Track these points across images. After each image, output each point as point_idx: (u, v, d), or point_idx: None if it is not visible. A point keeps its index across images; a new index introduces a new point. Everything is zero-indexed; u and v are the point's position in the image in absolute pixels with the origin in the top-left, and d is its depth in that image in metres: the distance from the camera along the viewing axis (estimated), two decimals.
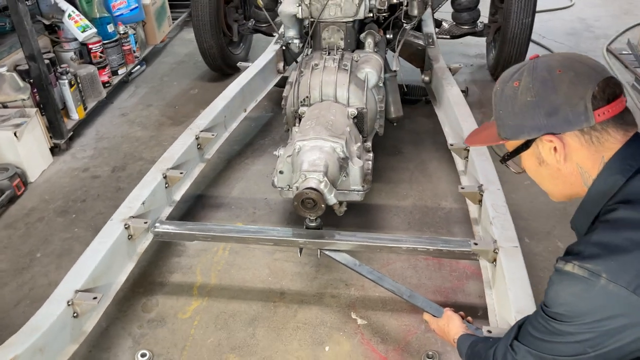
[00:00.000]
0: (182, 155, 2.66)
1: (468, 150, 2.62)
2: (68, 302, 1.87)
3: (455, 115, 2.90)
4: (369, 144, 2.79)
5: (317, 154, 2.33)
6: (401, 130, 3.61)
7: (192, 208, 3.00)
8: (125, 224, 2.21)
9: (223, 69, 4.50)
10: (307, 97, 2.76)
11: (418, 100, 3.95)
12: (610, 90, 1.23)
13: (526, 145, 1.31)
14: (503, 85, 1.32)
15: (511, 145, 1.35)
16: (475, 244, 2.07)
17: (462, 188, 2.38)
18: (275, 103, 4.12)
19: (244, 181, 3.24)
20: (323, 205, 2.19)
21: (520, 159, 1.38)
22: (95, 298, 1.89)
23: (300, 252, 2.34)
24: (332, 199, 2.24)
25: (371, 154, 2.67)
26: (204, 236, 2.32)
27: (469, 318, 1.86)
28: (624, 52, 4.56)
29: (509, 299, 1.79)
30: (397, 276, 2.49)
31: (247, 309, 2.36)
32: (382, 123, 2.94)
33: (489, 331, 1.71)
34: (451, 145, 2.71)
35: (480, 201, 2.33)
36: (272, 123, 3.90)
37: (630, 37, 4.77)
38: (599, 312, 1.15)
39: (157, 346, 2.20)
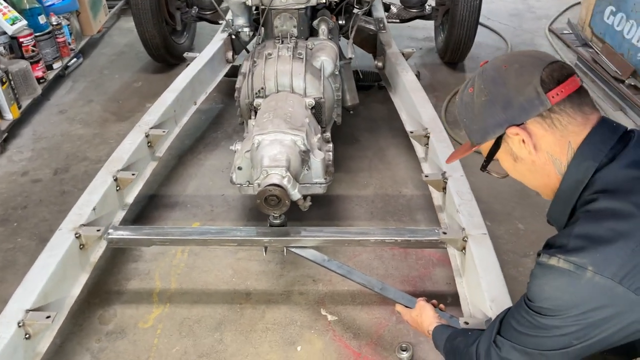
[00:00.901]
0: (132, 155, 2.50)
1: (428, 137, 2.60)
2: (19, 323, 1.72)
3: (413, 102, 2.88)
4: (328, 134, 2.72)
5: (278, 148, 2.24)
6: (357, 117, 3.56)
7: (145, 209, 2.85)
8: (75, 233, 2.06)
9: (167, 59, 4.31)
10: (262, 88, 2.66)
11: (371, 86, 3.91)
12: (557, 72, 1.24)
13: (496, 144, 1.31)
14: (460, 95, 1.37)
15: (485, 150, 1.36)
16: (444, 233, 2.06)
17: (426, 176, 2.36)
18: (224, 94, 3.98)
19: (198, 178, 3.11)
20: (287, 202, 2.11)
21: (498, 163, 1.37)
22: (48, 317, 1.75)
23: (266, 250, 2.26)
24: (296, 194, 2.17)
25: (331, 145, 2.61)
26: (162, 240, 2.19)
27: (442, 306, 1.85)
28: (565, 32, 4.68)
29: (482, 287, 1.79)
30: (364, 268, 2.45)
31: (212, 313, 2.26)
32: (340, 112, 2.88)
33: (466, 322, 1.70)
34: (411, 132, 2.68)
35: (444, 188, 2.31)
36: (223, 115, 3.76)
37: (570, 17, 4.89)
38: (585, 304, 1.14)
39: (119, 359, 2.07)
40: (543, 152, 1.26)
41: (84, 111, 3.85)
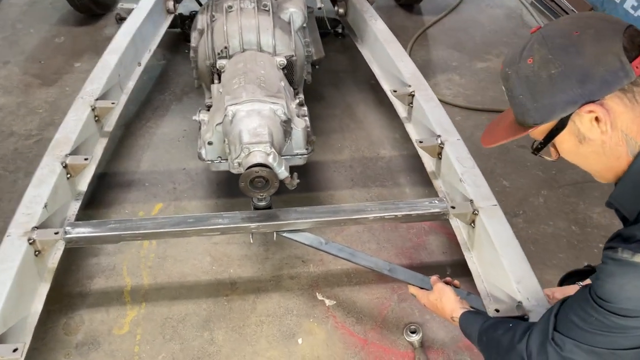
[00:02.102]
0: (80, 133, 2.13)
1: (413, 96, 2.39)
2: None
3: (388, 55, 2.64)
4: (301, 96, 2.46)
5: (257, 121, 1.96)
6: (318, 70, 3.28)
7: (96, 192, 2.49)
8: (29, 239, 1.72)
9: (91, 8, 3.78)
10: (225, 47, 2.32)
11: (327, 33, 3.61)
12: (638, 38, 1.08)
13: (561, 124, 1.12)
14: (514, 68, 1.15)
15: (541, 131, 1.16)
16: (453, 207, 1.90)
17: (420, 142, 2.17)
18: (166, 48, 3.56)
19: (152, 150, 2.76)
20: (276, 183, 1.86)
21: (551, 145, 1.19)
22: (15, 350, 1.45)
23: (252, 235, 2.03)
24: (283, 172, 1.91)
25: (305, 108, 2.34)
26: (133, 235, 1.89)
27: (456, 282, 1.73)
28: None
29: (504, 267, 1.66)
30: (354, 242, 2.28)
31: (197, 309, 2.02)
32: (310, 69, 2.60)
33: (497, 310, 1.57)
34: (394, 91, 2.46)
35: (439, 154, 2.14)
36: (167, 73, 3.36)
37: None
38: None
39: None
40: (618, 132, 1.09)
41: (1, 75, 3.30)
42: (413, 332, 1.91)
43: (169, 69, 3.38)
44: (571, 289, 1.66)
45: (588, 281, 1.66)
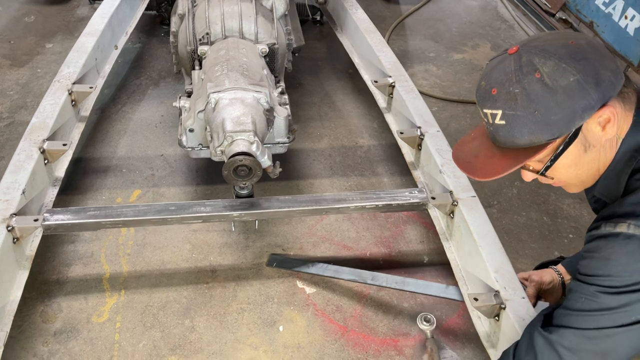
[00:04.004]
0: (57, 118, 2.09)
1: (393, 87, 2.42)
2: None
3: (368, 45, 2.66)
4: (282, 84, 2.46)
5: (241, 109, 1.96)
6: (296, 57, 3.27)
7: (72, 177, 2.45)
8: (7, 226, 1.69)
9: None
10: (207, 33, 2.30)
11: (306, 20, 3.61)
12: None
13: (574, 135, 1.12)
14: (517, 87, 1.09)
15: (552, 148, 1.13)
16: (433, 198, 1.94)
17: (401, 133, 2.20)
18: (141, 31, 3.50)
19: (129, 135, 2.72)
20: (259, 172, 1.87)
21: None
22: None
23: (234, 224, 2.03)
24: (266, 161, 1.92)
25: (286, 97, 2.34)
26: (113, 223, 1.87)
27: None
28: None
29: (483, 257, 1.71)
30: (334, 230, 2.31)
31: (177, 297, 2.02)
32: (291, 57, 2.60)
33: (475, 299, 1.61)
34: (375, 82, 2.48)
35: (419, 145, 2.18)
36: (143, 57, 3.30)
37: None
38: None
39: None
40: (614, 132, 1.13)
41: None
42: (427, 321, 1.86)
43: (144, 53, 3.33)
44: (546, 272, 1.73)
45: (561, 267, 1.73)
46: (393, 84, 2.42)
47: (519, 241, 2.34)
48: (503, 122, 1.12)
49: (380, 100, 2.53)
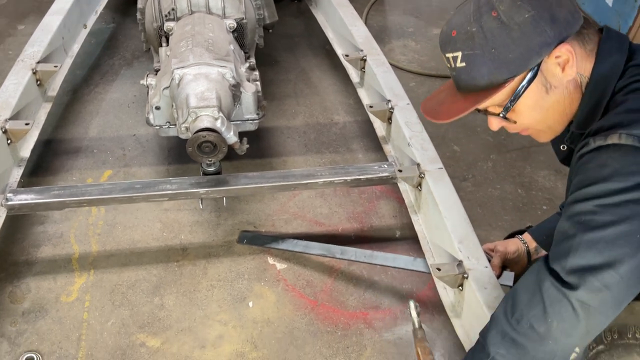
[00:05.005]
0: (20, 98, 2.05)
1: (364, 61, 2.39)
2: None
3: (341, 19, 2.62)
4: (252, 60, 2.43)
5: (205, 84, 1.93)
6: (272, 34, 3.23)
7: (42, 159, 2.43)
8: None
9: None
10: (173, 9, 2.26)
11: None
12: None
13: (533, 75, 1.11)
14: (476, 26, 1.09)
15: (511, 88, 1.13)
16: (400, 170, 1.93)
17: (371, 107, 2.18)
18: (114, 10, 3.44)
19: (101, 116, 2.70)
20: (224, 148, 1.85)
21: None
22: None
23: (202, 201, 2.02)
24: (232, 137, 1.90)
25: (257, 73, 2.31)
26: (78, 202, 1.86)
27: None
28: None
29: (447, 228, 1.71)
30: (306, 207, 2.30)
31: (147, 275, 2.02)
32: (262, 33, 2.56)
33: (438, 269, 1.61)
34: (346, 56, 2.45)
35: (389, 119, 2.16)
36: (116, 37, 3.26)
37: None
38: None
39: (45, 343, 1.79)
40: (574, 73, 1.12)
41: None
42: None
43: (118, 33, 3.28)
44: (511, 242, 1.72)
45: (527, 235, 1.73)
46: (364, 57, 2.39)
47: (493, 214, 2.33)
48: (463, 64, 1.13)
49: (354, 75, 2.51)
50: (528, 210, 2.37)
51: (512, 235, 1.80)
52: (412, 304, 1.49)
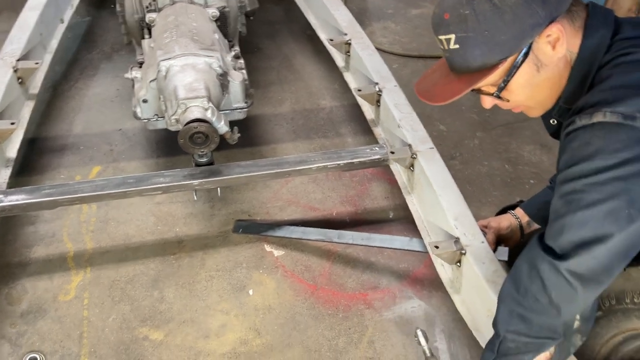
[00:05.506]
0: (3, 97, 2.02)
1: (349, 45, 2.39)
2: None
3: (323, 3, 2.61)
4: (237, 48, 2.41)
5: (193, 75, 1.92)
6: (252, 21, 3.21)
7: (28, 158, 2.39)
8: None
9: None
10: (153, 0, 2.23)
11: None
12: None
13: (525, 54, 1.13)
14: (466, 9, 1.10)
15: (504, 68, 1.14)
16: (392, 152, 1.95)
17: (359, 90, 2.19)
18: (88, 3, 3.38)
19: (84, 111, 2.66)
20: (216, 138, 1.85)
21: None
22: None
23: (196, 193, 2.02)
24: (222, 127, 1.89)
25: (242, 61, 2.30)
26: (70, 200, 1.83)
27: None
28: None
29: (442, 206, 1.73)
30: (299, 193, 2.31)
31: (145, 269, 2.01)
32: (244, 21, 2.54)
33: (436, 246, 1.64)
34: (330, 40, 2.45)
35: (378, 101, 2.17)
36: (93, 30, 3.20)
37: None
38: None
39: (46, 343, 1.78)
40: (564, 50, 1.14)
41: None
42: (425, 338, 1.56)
43: (95, 26, 3.22)
44: (503, 218, 1.76)
45: (519, 210, 1.77)
46: (349, 41, 2.40)
47: (482, 190, 2.37)
48: (457, 46, 1.14)
49: (338, 59, 2.51)
50: (516, 185, 2.41)
51: (503, 211, 1.84)
52: (419, 332, 1.50)
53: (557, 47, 1.13)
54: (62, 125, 2.57)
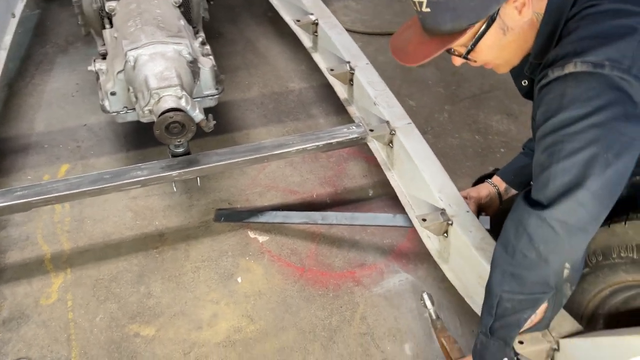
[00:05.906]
0: None
1: (317, 24, 2.37)
2: None
3: None
4: (202, 34, 2.36)
5: (163, 64, 1.86)
6: (211, 6, 3.13)
7: None
8: None
9: None
10: None
11: None
12: None
13: (492, 19, 1.17)
14: None
15: (473, 32, 1.18)
16: (371, 130, 1.96)
17: (331, 70, 2.17)
18: None
19: (44, 108, 2.56)
20: (193, 127, 1.81)
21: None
22: None
23: (175, 184, 1.98)
24: (198, 115, 1.85)
25: (208, 47, 2.25)
26: (45, 200, 1.76)
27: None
28: None
29: (425, 179, 1.76)
30: (277, 178, 2.30)
31: (128, 266, 1.97)
32: (207, 6, 2.49)
33: (424, 219, 1.67)
34: (297, 21, 2.41)
35: (350, 80, 2.17)
36: (45, 23, 3.07)
37: None
38: (606, 97, 1.07)
39: (33, 349, 1.73)
40: (531, 13, 1.18)
41: None
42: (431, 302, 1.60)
43: (45, 19, 3.08)
44: (482, 187, 1.81)
45: (496, 178, 1.82)
46: (316, 21, 2.37)
47: (455, 162, 2.42)
48: (428, 9, 1.18)
49: (305, 40, 2.48)
50: (487, 154, 2.47)
51: (480, 180, 1.89)
52: (425, 295, 1.54)
53: (523, 12, 1.17)
54: (23, 124, 2.46)
